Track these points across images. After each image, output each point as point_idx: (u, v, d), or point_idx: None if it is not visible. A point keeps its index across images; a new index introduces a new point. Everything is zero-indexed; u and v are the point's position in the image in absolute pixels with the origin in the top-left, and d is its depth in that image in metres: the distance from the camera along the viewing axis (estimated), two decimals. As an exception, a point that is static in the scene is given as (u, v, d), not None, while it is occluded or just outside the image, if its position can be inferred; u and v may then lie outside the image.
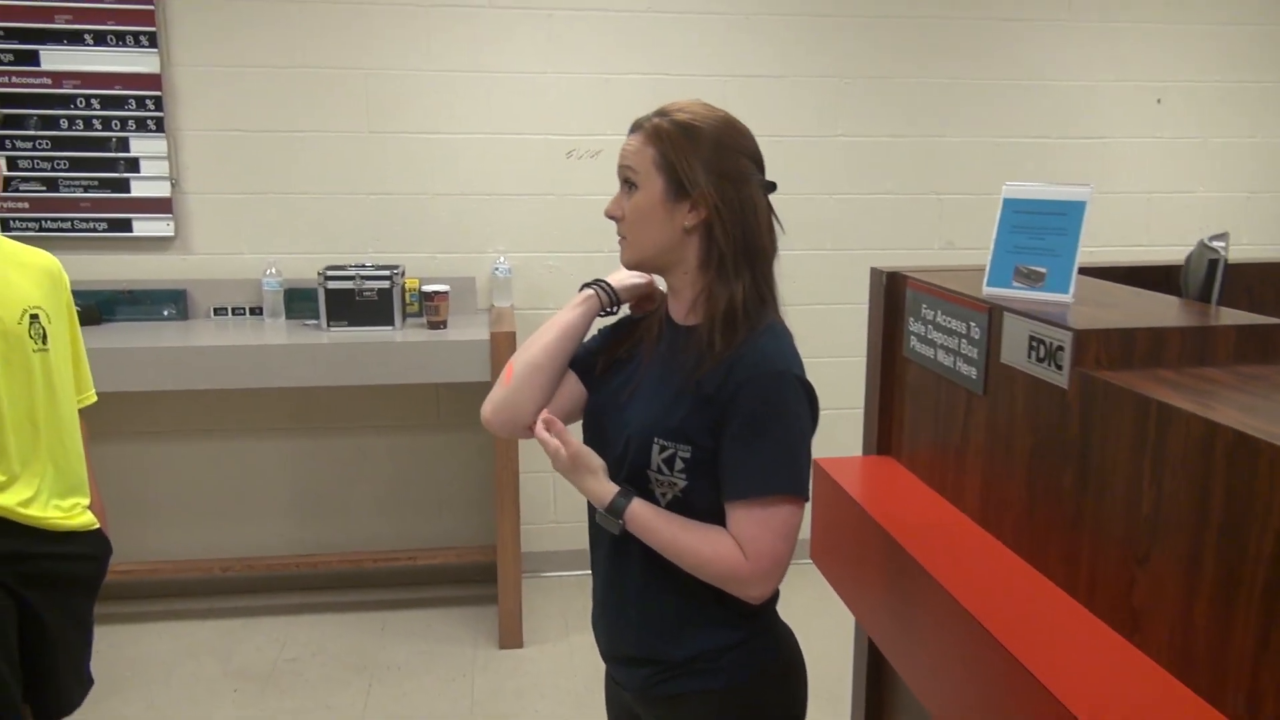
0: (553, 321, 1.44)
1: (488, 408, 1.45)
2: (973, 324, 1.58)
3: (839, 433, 2.46)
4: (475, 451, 3.53)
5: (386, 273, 3.16)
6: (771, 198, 1.36)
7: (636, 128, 1.35)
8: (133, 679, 2.95)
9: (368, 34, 3.28)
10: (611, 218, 1.37)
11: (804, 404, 1.29)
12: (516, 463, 3.10)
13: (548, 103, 3.40)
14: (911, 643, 1.53)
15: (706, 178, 1.29)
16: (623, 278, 1.47)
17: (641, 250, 1.35)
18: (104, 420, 3.36)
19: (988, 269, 1.59)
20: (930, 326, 1.73)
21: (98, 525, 1.92)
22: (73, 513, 1.86)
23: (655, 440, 1.30)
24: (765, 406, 1.25)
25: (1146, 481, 1.18)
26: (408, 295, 3.29)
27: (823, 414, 1.37)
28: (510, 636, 3.21)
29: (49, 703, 1.86)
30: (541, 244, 3.48)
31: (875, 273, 1.92)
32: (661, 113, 1.33)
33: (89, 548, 1.91)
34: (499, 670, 3.08)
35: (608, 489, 1.32)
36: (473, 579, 3.59)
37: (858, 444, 2.00)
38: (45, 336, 1.80)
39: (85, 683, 1.94)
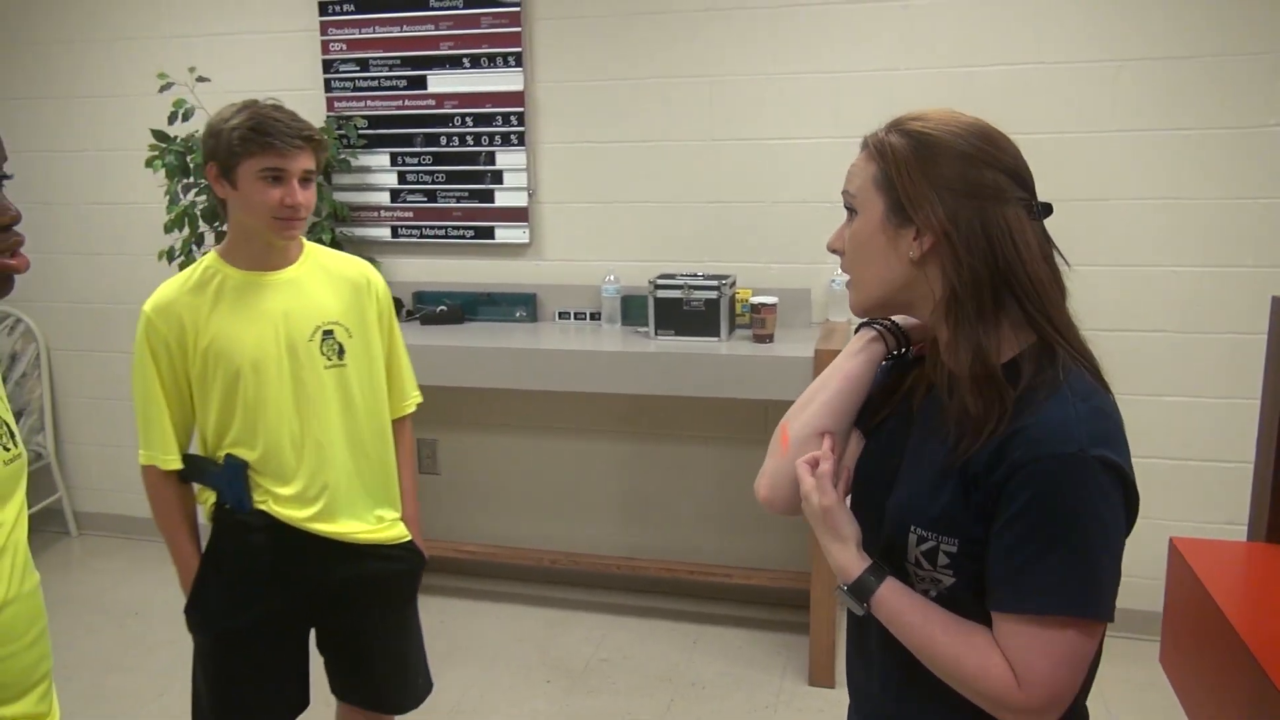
0: (830, 372, 1.18)
1: (763, 483, 1.19)
2: None
3: (1197, 488, 1.95)
4: (800, 472, 3.36)
5: (715, 283, 3.10)
6: (1138, 199, 1.05)
7: (865, 144, 1.13)
8: (465, 655, 3.18)
9: (713, 42, 3.24)
10: (833, 252, 1.14)
11: (1109, 497, 0.96)
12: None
13: (899, 102, 3.04)
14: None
15: (936, 196, 1.02)
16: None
17: (865, 290, 1.10)
18: (459, 411, 3.67)
19: None
20: (1353, 383, 1.27)
21: (408, 537, 1.90)
22: (379, 527, 1.84)
23: (912, 529, 1.04)
24: (1050, 500, 0.94)
25: None
26: (738, 306, 3.21)
27: (1176, 464, 1.01)
28: (821, 673, 3.00)
29: (372, 696, 1.92)
30: (882, 255, 3.21)
31: (1278, 302, 1.47)
32: (893, 124, 1.10)
33: (396, 560, 1.88)
34: (804, 708, 2.89)
35: (855, 561, 1.07)
36: (786, 603, 3.43)
37: (1217, 505, 1.55)
38: (341, 351, 1.77)
39: (414, 690, 1.95)
